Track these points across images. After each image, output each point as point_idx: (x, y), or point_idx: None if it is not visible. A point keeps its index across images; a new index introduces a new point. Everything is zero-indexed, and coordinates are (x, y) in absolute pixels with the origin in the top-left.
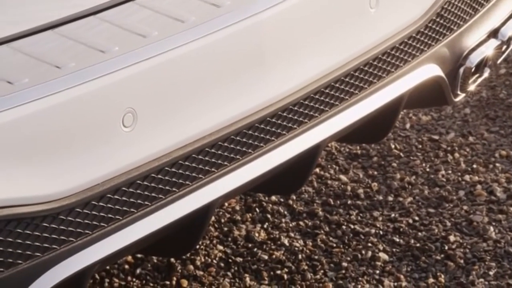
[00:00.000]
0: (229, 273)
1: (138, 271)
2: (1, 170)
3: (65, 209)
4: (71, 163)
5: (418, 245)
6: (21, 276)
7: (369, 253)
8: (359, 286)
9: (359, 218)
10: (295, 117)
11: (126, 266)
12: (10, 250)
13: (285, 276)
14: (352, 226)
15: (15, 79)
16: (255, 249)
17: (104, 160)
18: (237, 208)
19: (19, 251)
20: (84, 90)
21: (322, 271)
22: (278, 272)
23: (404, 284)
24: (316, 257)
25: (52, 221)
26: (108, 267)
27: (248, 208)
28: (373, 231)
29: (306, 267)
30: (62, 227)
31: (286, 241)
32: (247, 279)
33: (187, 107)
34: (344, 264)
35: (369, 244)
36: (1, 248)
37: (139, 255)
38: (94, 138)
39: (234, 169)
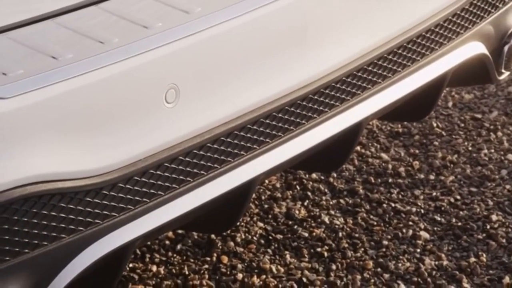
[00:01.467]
0: (269, 250)
1: (178, 247)
2: (45, 145)
3: (107, 184)
4: (113, 138)
5: (459, 224)
6: (64, 250)
7: (410, 232)
8: (400, 265)
9: (400, 196)
10: (337, 95)
11: (167, 242)
12: (54, 224)
13: (325, 254)
14: (393, 205)
15: (59, 54)
16: (295, 227)
17: (146, 135)
18: (278, 185)
19: (63, 225)
20: (127, 66)
21: (362, 249)
22: (318, 249)
23: (445, 263)
24: (356, 235)
25: (95, 196)
26: (149, 243)
27: (288, 186)
28: (414, 209)
29: (346, 245)
30: (105, 202)
31: (326, 219)
32: (287, 256)
33: (229, 84)
34: (385, 242)
35: (410, 223)
36: (45, 222)
37: (179, 231)
38: (137, 113)
39: (275, 146)
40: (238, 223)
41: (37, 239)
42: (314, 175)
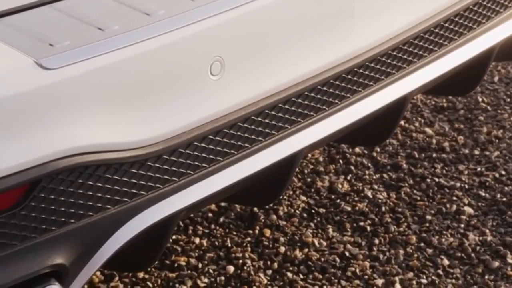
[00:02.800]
0: (311, 224)
1: (221, 219)
2: (90, 116)
3: (152, 155)
4: (159, 110)
5: (504, 199)
6: (109, 220)
7: (454, 207)
8: (443, 240)
9: (444, 171)
10: (383, 69)
11: (210, 214)
12: (99, 195)
13: (368, 228)
14: (436, 180)
15: (105, 26)
16: (338, 201)
17: (191, 108)
18: (321, 159)
19: (108, 196)
20: (172, 38)
21: (405, 224)
22: (361, 223)
23: (489, 238)
24: (399, 209)
25: (139, 168)
26: (192, 215)
27: (331, 160)
28: (458, 184)
29: (389, 220)
30: (150, 174)
31: (369, 193)
32: (330, 230)
33: (274, 57)
34: (428, 217)
35: (454, 198)
36: (90, 193)
37: (222, 204)
38: (183, 86)
39: (320, 120)
40: (280, 197)
41: (82, 210)
42: (357, 149)
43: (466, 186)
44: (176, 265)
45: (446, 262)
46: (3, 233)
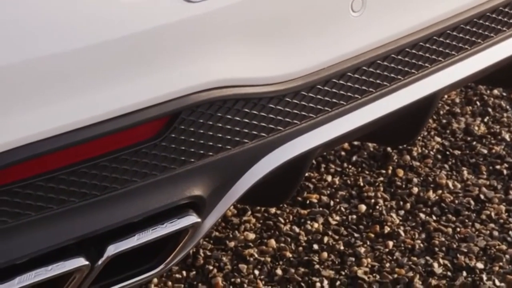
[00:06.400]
0: (446, 166)
1: (354, 158)
2: (231, 51)
3: (291, 91)
4: (299, 46)
5: None
6: (247, 155)
7: None
8: None
9: None
10: None
11: (343, 153)
12: (237, 129)
13: (505, 172)
14: None
15: None
16: (474, 143)
17: (331, 44)
18: (457, 100)
19: (246, 131)
20: None
21: None
22: (497, 167)
23: None
24: None
25: (278, 103)
26: (325, 153)
27: (468, 101)
28: None
29: None
30: (287, 109)
31: (507, 136)
32: (465, 172)
33: None
34: None
35: None
36: (228, 127)
37: (355, 143)
38: (323, 21)
39: (461, 59)
40: None
41: (221, 143)
42: (495, 91)
43: None
44: (308, 202)
45: None
46: (145, 163)
